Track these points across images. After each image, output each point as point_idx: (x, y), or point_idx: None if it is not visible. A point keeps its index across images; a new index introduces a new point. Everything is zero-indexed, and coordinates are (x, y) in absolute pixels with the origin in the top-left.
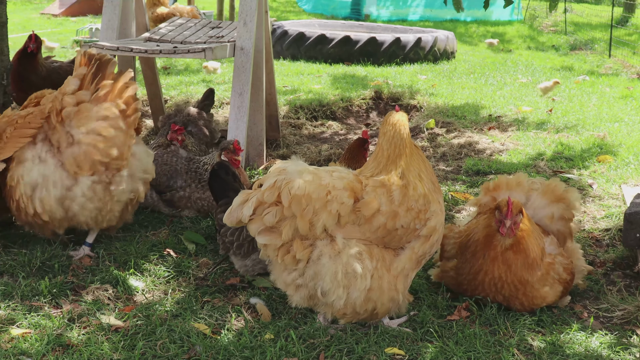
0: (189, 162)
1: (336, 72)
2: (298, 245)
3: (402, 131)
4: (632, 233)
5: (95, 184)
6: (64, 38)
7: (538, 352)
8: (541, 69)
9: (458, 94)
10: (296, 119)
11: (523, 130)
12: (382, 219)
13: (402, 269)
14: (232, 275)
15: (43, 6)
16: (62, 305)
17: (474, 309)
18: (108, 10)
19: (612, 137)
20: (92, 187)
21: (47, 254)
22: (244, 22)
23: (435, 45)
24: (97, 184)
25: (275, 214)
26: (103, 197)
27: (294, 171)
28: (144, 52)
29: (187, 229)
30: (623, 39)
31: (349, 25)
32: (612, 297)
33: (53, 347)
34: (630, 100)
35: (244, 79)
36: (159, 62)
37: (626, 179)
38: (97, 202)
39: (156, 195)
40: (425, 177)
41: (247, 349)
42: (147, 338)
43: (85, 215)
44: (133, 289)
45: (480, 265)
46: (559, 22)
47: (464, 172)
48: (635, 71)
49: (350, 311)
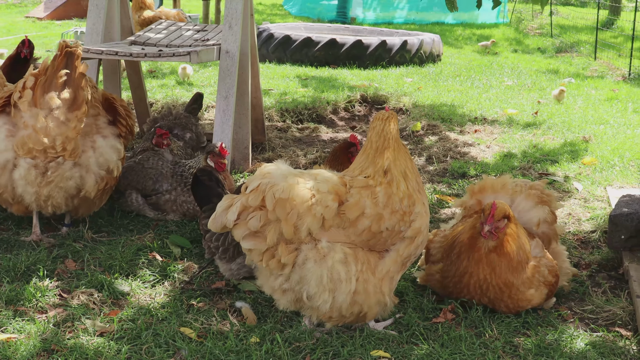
0: (175, 165)
1: (322, 75)
2: (283, 249)
3: (390, 126)
4: (617, 235)
5: (32, 167)
6: (49, 41)
7: (524, 354)
8: (527, 71)
9: (444, 96)
10: (282, 122)
11: (509, 133)
12: (367, 222)
13: (388, 271)
14: (217, 279)
15: (28, 9)
16: (47, 310)
17: (459, 311)
18: (93, 13)
19: (598, 139)
20: (29, 169)
21: (32, 259)
22: (229, 26)
23: (422, 48)
24: (34, 168)
25: (259, 219)
26: (40, 182)
27: (278, 175)
28: (129, 55)
29: (173, 233)
30: (608, 41)
31: (335, 28)
32: (597, 299)
33: (38, 352)
34: (615, 102)
35: (230, 82)
36: (145, 65)
37: (611, 181)
38: (33, 185)
39: (141, 198)
40: (410, 175)
41: (232, 352)
42: (132, 342)
43: (27, 196)
44: (118, 293)
45: (465, 267)
46: (544, 25)
47: (449, 174)
48: (620, 73)
49: (336, 314)
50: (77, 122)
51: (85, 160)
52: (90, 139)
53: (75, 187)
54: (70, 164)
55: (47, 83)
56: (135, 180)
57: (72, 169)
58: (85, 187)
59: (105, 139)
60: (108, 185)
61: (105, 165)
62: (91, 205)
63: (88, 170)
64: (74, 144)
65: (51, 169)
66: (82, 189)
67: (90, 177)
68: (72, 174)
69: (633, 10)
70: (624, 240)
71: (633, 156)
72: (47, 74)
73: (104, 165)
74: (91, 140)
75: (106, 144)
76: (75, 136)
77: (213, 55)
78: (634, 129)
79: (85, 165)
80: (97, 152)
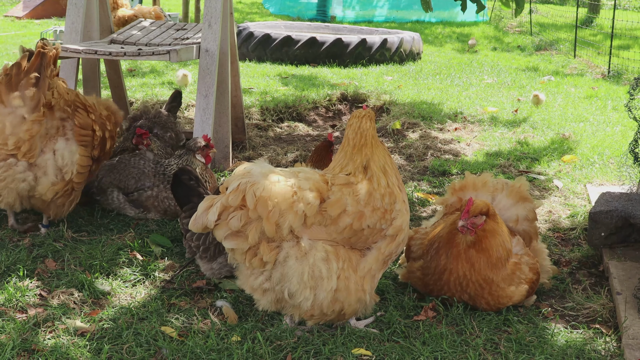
0: (156, 164)
1: (302, 73)
2: (265, 247)
3: (367, 123)
4: (597, 232)
5: None
6: (28, 41)
7: (505, 351)
8: (507, 69)
9: (424, 94)
10: (262, 120)
11: (489, 131)
12: (348, 219)
13: (369, 269)
14: (198, 278)
15: (6, 9)
16: (27, 309)
17: (440, 309)
18: (72, 12)
19: (577, 137)
20: None
21: (12, 258)
22: (208, 24)
23: (401, 47)
24: None
25: (240, 218)
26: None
27: (259, 173)
28: (108, 54)
29: (153, 232)
30: (588, 39)
31: (315, 26)
32: (578, 296)
33: (18, 352)
34: (594, 100)
35: (209, 81)
36: (124, 64)
37: (591, 179)
38: None
39: (123, 197)
40: (390, 171)
41: (214, 351)
42: (113, 342)
43: None
44: (99, 292)
45: (444, 264)
46: (524, 23)
47: (429, 172)
48: (599, 71)
49: (317, 312)
50: (31, 124)
51: (42, 162)
52: (53, 141)
53: (28, 188)
54: (25, 164)
55: (14, 82)
56: (118, 179)
57: (26, 170)
58: (38, 189)
59: (66, 142)
60: (69, 188)
61: (59, 168)
62: (59, 207)
63: (45, 173)
64: (28, 145)
65: (2, 169)
66: (36, 191)
67: (42, 180)
68: (25, 176)
69: (612, 8)
70: (604, 237)
71: (612, 154)
72: (14, 73)
73: (60, 169)
74: (53, 142)
75: (63, 147)
76: (29, 138)
77: (193, 54)
78: (613, 127)
79: (43, 167)
80: (57, 154)
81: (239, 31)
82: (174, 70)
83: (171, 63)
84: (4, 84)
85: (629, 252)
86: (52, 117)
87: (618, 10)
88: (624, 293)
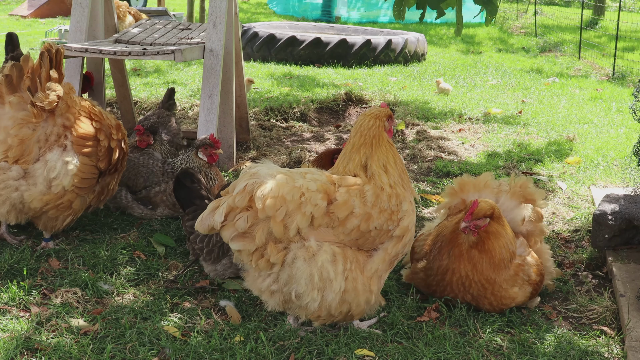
0: (164, 164)
1: (307, 74)
2: (272, 248)
3: (369, 121)
4: (600, 234)
5: None
6: (32, 40)
7: (507, 353)
8: (511, 71)
9: (428, 95)
10: (266, 120)
11: (493, 132)
12: (356, 221)
13: (376, 270)
14: (201, 278)
15: (12, 7)
16: (30, 308)
17: (443, 310)
18: (77, 12)
19: (582, 139)
20: None
21: (16, 257)
22: (213, 24)
23: (406, 47)
24: None
25: (247, 219)
26: None
27: (265, 174)
28: (112, 53)
29: (157, 232)
30: (592, 41)
31: (319, 27)
32: (581, 298)
33: (21, 350)
34: (599, 101)
35: (214, 81)
36: (129, 64)
37: (595, 180)
38: None
39: (131, 196)
40: (392, 170)
41: (216, 351)
42: (116, 341)
43: None
44: (102, 291)
45: (447, 264)
46: (528, 25)
47: (434, 173)
48: (604, 73)
49: (325, 313)
50: (18, 129)
51: (33, 171)
52: (51, 149)
53: (20, 199)
54: (18, 171)
55: (15, 84)
56: (126, 177)
57: (20, 178)
58: (24, 196)
59: (60, 153)
60: (65, 200)
61: (49, 179)
62: (50, 220)
63: (29, 179)
64: (16, 152)
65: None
66: (24, 200)
67: (31, 191)
68: (19, 184)
69: (617, 10)
70: (608, 239)
71: (617, 155)
72: (15, 75)
73: (50, 180)
74: (51, 151)
75: (54, 157)
76: (17, 144)
77: (197, 53)
78: (617, 129)
79: (32, 175)
80: (47, 164)
81: (244, 31)
82: (178, 70)
83: (175, 63)
84: (5, 85)
85: (632, 254)
86: (53, 123)
87: (623, 12)
88: (628, 295)
